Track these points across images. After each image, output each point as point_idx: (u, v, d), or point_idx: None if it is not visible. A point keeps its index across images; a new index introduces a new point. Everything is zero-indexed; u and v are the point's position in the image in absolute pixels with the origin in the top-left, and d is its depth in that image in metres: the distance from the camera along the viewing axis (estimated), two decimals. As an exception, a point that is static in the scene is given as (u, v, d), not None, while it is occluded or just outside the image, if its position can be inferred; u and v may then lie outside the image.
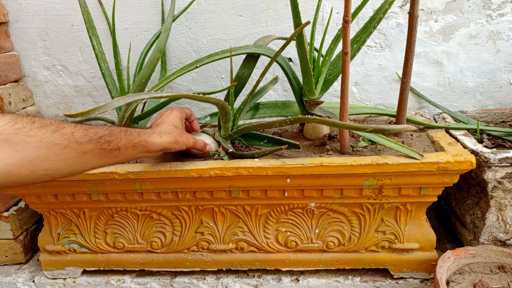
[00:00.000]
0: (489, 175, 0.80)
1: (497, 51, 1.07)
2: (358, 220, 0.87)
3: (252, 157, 0.82)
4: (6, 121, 0.56)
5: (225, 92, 0.89)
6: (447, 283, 0.76)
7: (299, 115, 0.95)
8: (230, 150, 0.85)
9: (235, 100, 0.91)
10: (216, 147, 0.89)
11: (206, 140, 0.88)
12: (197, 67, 0.87)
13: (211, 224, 0.90)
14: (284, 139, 0.85)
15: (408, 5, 0.87)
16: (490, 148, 0.83)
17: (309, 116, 0.88)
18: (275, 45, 1.11)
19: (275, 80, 1.02)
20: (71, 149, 0.61)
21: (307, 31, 0.89)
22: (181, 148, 0.78)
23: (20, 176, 0.58)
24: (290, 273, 0.94)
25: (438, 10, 1.05)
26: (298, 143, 0.82)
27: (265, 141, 0.88)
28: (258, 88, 0.99)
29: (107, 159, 0.67)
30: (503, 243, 0.84)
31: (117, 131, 0.68)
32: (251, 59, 0.91)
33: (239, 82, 0.90)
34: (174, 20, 1.05)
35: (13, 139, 0.56)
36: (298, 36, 0.80)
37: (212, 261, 0.92)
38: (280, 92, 1.15)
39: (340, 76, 0.80)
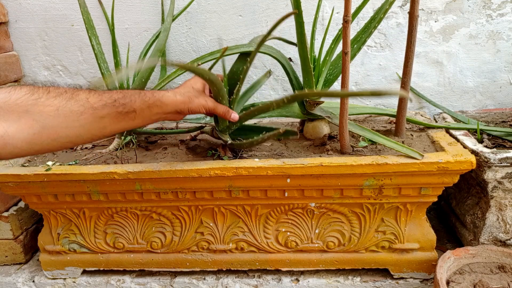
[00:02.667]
0: (489, 175, 0.80)
1: (497, 51, 1.07)
2: (358, 220, 0.87)
3: (251, 145, 0.81)
4: (24, 92, 0.58)
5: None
6: (447, 283, 0.76)
7: (299, 115, 0.95)
8: (229, 141, 0.84)
9: (230, 98, 0.89)
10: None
11: None
12: (198, 65, 0.86)
13: (211, 224, 0.90)
14: (282, 128, 0.83)
15: (408, 5, 0.87)
16: (490, 148, 0.83)
17: (307, 91, 0.85)
18: (275, 44, 1.11)
19: (268, 73, 1.01)
20: (88, 114, 0.63)
21: (307, 31, 0.89)
22: (198, 110, 0.76)
23: (43, 144, 0.60)
24: (290, 273, 0.94)
25: (438, 10, 1.04)
26: (296, 130, 0.80)
27: (264, 132, 0.87)
28: (251, 83, 0.98)
29: (125, 123, 0.68)
30: (503, 243, 0.84)
31: (131, 93, 0.68)
32: (246, 56, 0.90)
33: (233, 78, 0.88)
34: (173, 19, 1.05)
35: (31, 110, 0.58)
36: (299, 36, 0.80)
37: (212, 261, 0.92)
38: (281, 92, 1.15)
39: (341, 76, 0.80)
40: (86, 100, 0.63)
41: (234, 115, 0.79)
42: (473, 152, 0.80)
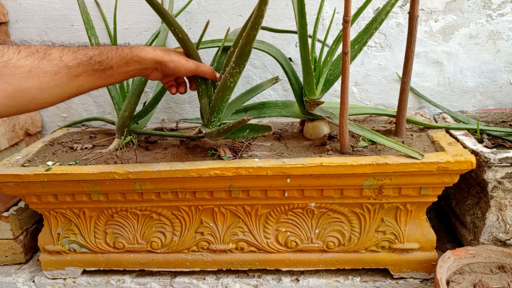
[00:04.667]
0: (489, 175, 0.80)
1: (497, 51, 1.07)
2: (358, 220, 0.87)
3: (218, 134, 0.80)
4: None
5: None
6: (447, 283, 0.76)
7: (299, 115, 0.95)
8: (204, 131, 0.84)
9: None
10: None
11: None
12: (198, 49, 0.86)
13: (211, 224, 0.90)
14: (260, 125, 0.83)
15: (408, 5, 0.87)
16: (490, 148, 0.83)
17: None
18: (276, 44, 1.11)
19: (275, 79, 1.01)
20: (62, 74, 0.61)
21: (309, 31, 0.89)
22: (177, 67, 0.74)
23: (19, 107, 0.59)
24: (290, 273, 0.94)
25: (438, 10, 1.04)
26: (270, 125, 0.80)
27: (247, 130, 0.87)
28: (255, 83, 0.97)
29: (102, 80, 0.67)
30: (503, 243, 0.84)
31: (107, 50, 0.67)
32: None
33: (217, 70, 0.86)
34: None
35: (3, 72, 0.56)
36: (301, 37, 0.80)
37: (212, 261, 0.92)
38: (281, 92, 1.15)
39: (341, 76, 0.80)
40: (60, 59, 0.61)
41: (218, 75, 0.80)
42: (473, 152, 0.80)
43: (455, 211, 0.97)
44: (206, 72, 0.78)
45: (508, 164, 0.78)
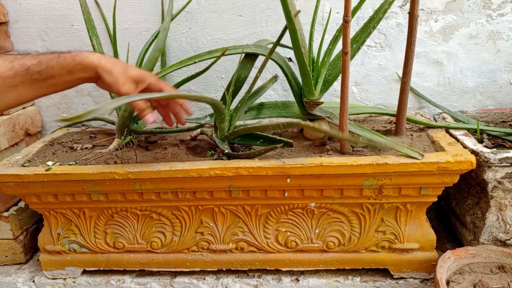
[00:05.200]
0: (489, 175, 0.80)
1: (497, 51, 1.07)
2: (358, 220, 0.87)
3: (247, 157, 0.82)
4: None
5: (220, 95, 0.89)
6: (447, 283, 0.76)
7: (298, 116, 0.95)
8: (226, 151, 0.85)
9: (233, 100, 0.90)
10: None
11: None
12: (195, 62, 0.87)
13: (211, 224, 0.90)
14: (278, 138, 0.84)
15: (408, 5, 0.87)
16: (490, 148, 0.83)
17: (302, 122, 0.88)
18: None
19: (274, 78, 1.02)
20: None
21: (306, 31, 0.89)
22: (110, 85, 0.67)
23: None
24: (290, 273, 0.94)
25: (438, 10, 1.04)
26: (291, 141, 0.81)
27: (261, 140, 0.88)
28: (256, 87, 0.99)
29: (45, 89, 0.65)
30: (503, 243, 0.84)
31: (48, 59, 0.64)
32: (249, 60, 0.91)
33: (237, 83, 0.90)
34: (172, 19, 1.05)
35: None
36: (294, 41, 0.80)
37: (212, 261, 0.92)
38: (280, 92, 1.15)
39: (340, 76, 0.80)
40: None
41: (148, 118, 0.70)
42: (473, 152, 0.80)
43: (455, 211, 0.97)
44: (134, 106, 0.70)
45: (508, 164, 0.78)
